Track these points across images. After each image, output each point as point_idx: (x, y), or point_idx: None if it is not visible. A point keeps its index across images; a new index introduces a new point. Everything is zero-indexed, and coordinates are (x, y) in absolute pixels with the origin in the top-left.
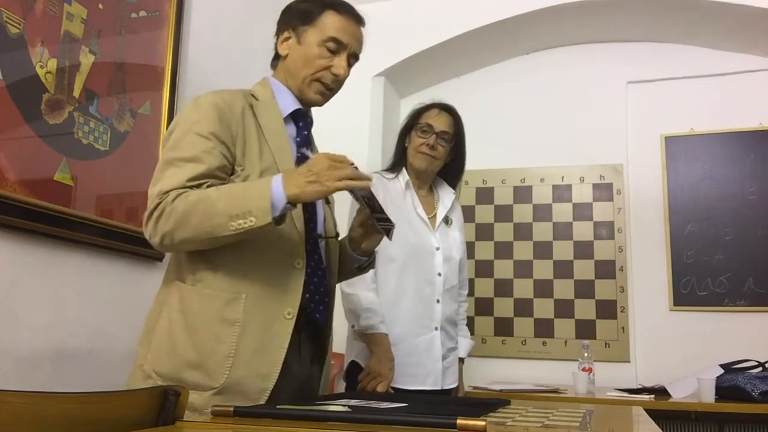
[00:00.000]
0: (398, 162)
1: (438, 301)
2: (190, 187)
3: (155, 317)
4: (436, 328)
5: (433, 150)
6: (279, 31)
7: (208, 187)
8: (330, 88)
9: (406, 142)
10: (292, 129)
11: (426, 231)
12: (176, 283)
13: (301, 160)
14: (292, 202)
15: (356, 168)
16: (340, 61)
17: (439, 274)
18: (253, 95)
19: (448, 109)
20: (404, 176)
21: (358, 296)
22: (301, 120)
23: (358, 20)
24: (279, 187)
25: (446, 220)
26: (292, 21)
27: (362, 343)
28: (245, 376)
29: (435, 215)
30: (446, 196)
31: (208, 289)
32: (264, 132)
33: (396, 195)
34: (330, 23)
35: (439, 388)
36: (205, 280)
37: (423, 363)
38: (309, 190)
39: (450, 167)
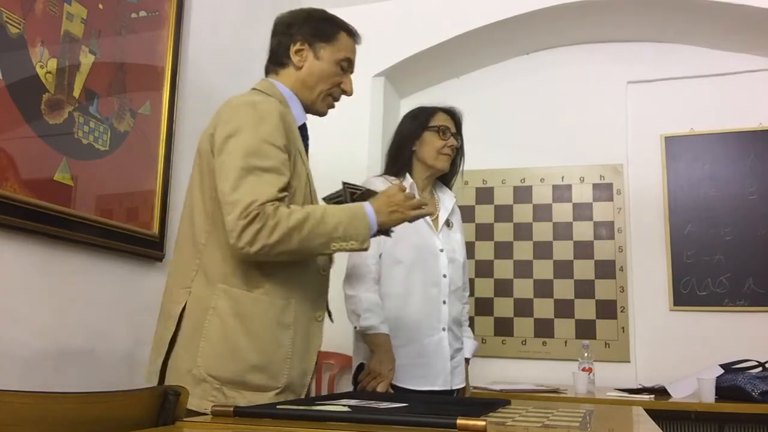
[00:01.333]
0: (404, 166)
1: (444, 302)
2: (280, 200)
3: (199, 321)
4: (443, 329)
5: (454, 151)
6: (291, 40)
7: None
8: (337, 101)
9: (415, 146)
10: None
11: (430, 233)
12: (222, 287)
13: None
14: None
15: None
16: (349, 79)
17: (444, 276)
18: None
19: (449, 112)
20: (408, 180)
21: (359, 297)
22: (304, 130)
23: (359, 42)
24: (373, 216)
25: (447, 223)
26: (308, 35)
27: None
28: (297, 375)
29: (437, 218)
30: (447, 198)
31: (267, 296)
32: (297, 144)
33: None
34: (345, 44)
35: (448, 388)
36: (262, 286)
37: (432, 364)
38: (393, 218)
39: (453, 168)
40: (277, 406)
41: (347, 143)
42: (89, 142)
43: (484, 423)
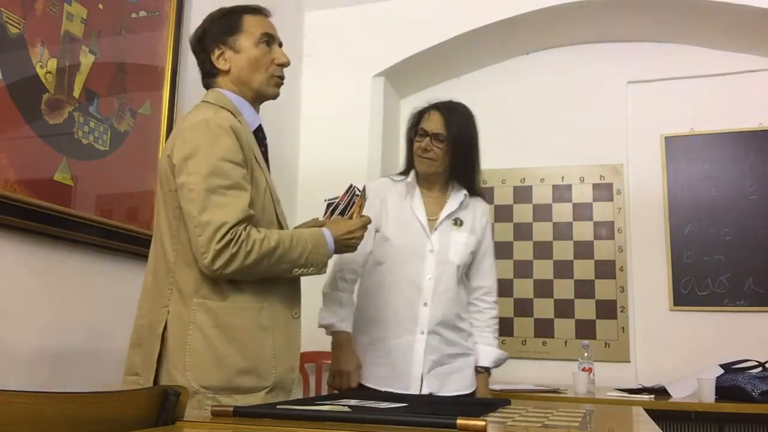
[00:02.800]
0: (409, 165)
1: (426, 304)
2: (248, 219)
3: (182, 337)
4: (422, 332)
5: (427, 152)
6: (208, 52)
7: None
8: (282, 78)
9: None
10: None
11: (420, 233)
12: (197, 301)
13: None
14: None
15: (358, 191)
16: (279, 52)
17: (429, 278)
18: (232, 113)
19: (439, 108)
20: (410, 178)
21: (326, 295)
22: (260, 132)
23: (268, 14)
24: (331, 244)
25: (456, 222)
26: (218, 37)
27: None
28: (284, 371)
29: (437, 218)
30: (456, 197)
31: (242, 303)
32: (254, 152)
33: (397, 197)
34: (254, 24)
35: (415, 392)
36: (234, 295)
37: (396, 365)
38: (348, 245)
39: (459, 167)
40: (277, 407)
41: (347, 143)
42: (89, 142)
43: (484, 423)
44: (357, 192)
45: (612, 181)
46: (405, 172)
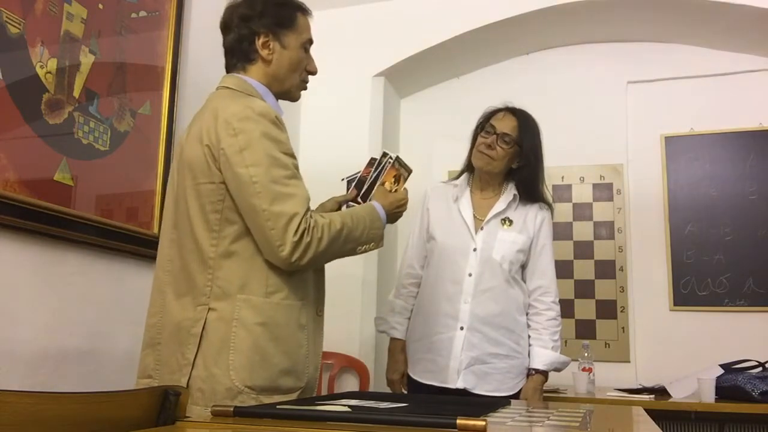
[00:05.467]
0: (467, 165)
1: (466, 301)
2: (309, 206)
3: (224, 335)
4: (461, 328)
5: (490, 149)
6: (254, 34)
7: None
8: (307, 83)
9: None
10: None
11: (465, 233)
12: (242, 297)
13: None
14: None
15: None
16: (313, 60)
17: (470, 275)
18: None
19: (514, 112)
20: (463, 179)
21: (387, 301)
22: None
23: (312, 17)
24: (384, 217)
25: (504, 221)
26: (270, 25)
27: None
28: (312, 371)
29: (484, 217)
30: (505, 198)
31: (287, 300)
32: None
33: (446, 200)
34: (304, 25)
35: (452, 386)
36: (279, 291)
37: (437, 360)
38: (397, 215)
39: (520, 174)
40: (277, 406)
41: (347, 143)
42: (89, 142)
43: (484, 423)
44: (390, 159)
45: (612, 181)
46: (462, 172)
